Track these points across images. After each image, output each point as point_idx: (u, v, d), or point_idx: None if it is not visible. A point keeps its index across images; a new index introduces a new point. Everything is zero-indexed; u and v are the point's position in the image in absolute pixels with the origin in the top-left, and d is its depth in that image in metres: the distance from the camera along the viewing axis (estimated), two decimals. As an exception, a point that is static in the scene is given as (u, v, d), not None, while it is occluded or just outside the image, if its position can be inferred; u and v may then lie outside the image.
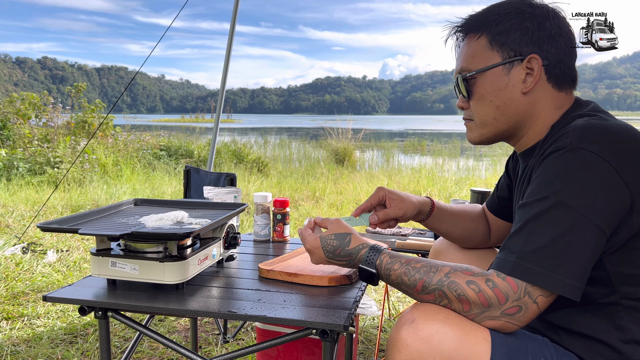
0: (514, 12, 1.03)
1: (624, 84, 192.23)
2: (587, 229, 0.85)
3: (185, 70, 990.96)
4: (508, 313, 0.87)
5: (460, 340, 0.86)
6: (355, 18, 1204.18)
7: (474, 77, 1.06)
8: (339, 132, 10.07)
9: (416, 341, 0.87)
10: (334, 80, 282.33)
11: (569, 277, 0.84)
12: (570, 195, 0.85)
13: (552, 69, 1.02)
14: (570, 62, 1.04)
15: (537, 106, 1.04)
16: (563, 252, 0.84)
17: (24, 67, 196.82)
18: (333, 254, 1.12)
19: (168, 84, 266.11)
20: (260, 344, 1.14)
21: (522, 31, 1.02)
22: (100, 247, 1.21)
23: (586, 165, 0.86)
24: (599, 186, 0.85)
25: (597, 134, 0.89)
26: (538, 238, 0.86)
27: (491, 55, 1.05)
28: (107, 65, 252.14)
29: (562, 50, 1.02)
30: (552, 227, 0.85)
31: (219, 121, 3.96)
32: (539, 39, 1.01)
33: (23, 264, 3.17)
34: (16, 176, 6.60)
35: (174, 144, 9.41)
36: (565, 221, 0.85)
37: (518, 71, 1.02)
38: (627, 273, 0.91)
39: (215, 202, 1.54)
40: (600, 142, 0.88)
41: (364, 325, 2.42)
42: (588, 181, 0.85)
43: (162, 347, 2.13)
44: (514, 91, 1.03)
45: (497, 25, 1.04)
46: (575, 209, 0.85)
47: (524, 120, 1.06)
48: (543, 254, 0.85)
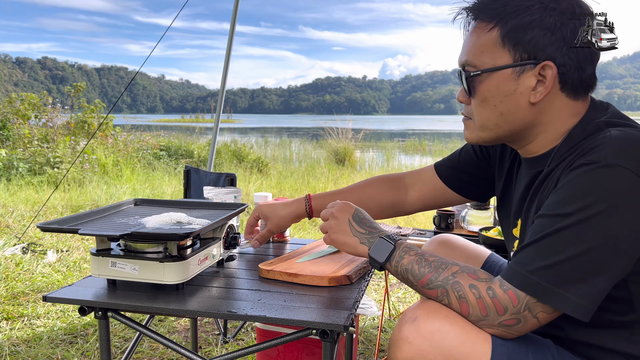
0: (537, 5, 0.89)
1: (624, 84, 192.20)
2: (610, 253, 0.79)
3: (185, 71, 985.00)
4: (506, 324, 0.85)
5: (461, 338, 0.85)
6: (355, 18, 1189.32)
7: (479, 75, 0.95)
8: (339, 132, 10.07)
9: (418, 338, 0.86)
10: (334, 81, 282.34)
11: (579, 297, 0.80)
12: (598, 216, 0.78)
13: (568, 78, 0.91)
14: (592, 68, 0.92)
15: (547, 115, 0.94)
16: (577, 271, 0.79)
17: (24, 67, 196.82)
18: (360, 221, 1.08)
19: (168, 84, 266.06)
20: (260, 344, 1.14)
21: (541, 30, 0.89)
22: (100, 247, 1.21)
23: (621, 185, 0.78)
24: (632, 207, 0.78)
25: (635, 149, 0.81)
26: (554, 254, 0.81)
27: (501, 54, 0.92)
28: (107, 66, 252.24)
29: (584, 54, 0.90)
30: (571, 246, 0.79)
31: (219, 121, 3.96)
32: (557, 41, 0.89)
33: (23, 264, 3.17)
34: (16, 176, 6.61)
35: (174, 144, 9.41)
36: (587, 241, 0.79)
37: (529, 77, 0.91)
38: None
39: (215, 202, 1.53)
40: (637, 157, 0.80)
41: (364, 325, 2.42)
42: (621, 202, 0.78)
43: (162, 348, 2.13)
44: (521, 99, 0.93)
45: (514, 18, 0.90)
46: (601, 231, 0.78)
47: (530, 128, 0.96)
48: (555, 270, 0.80)
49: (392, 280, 3.05)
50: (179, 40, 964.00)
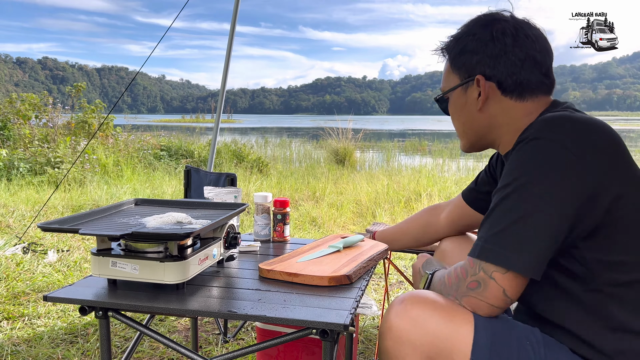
0: (465, 35, 1.12)
1: (623, 84, 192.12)
2: (544, 213, 0.90)
3: (185, 71, 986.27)
4: (470, 287, 0.96)
5: (444, 321, 0.94)
6: (355, 18, 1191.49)
7: (445, 96, 1.19)
8: (339, 132, 10.06)
9: (404, 320, 0.95)
10: (334, 81, 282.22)
11: (524, 256, 0.91)
12: (529, 182, 0.92)
13: (504, 84, 1.08)
14: (528, 73, 1.07)
15: (500, 118, 1.11)
16: (520, 234, 0.91)
17: (24, 67, 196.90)
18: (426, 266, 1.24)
19: (168, 84, 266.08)
20: (261, 344, 1.14)
21: (470, 54, 1.10)
22: (101, 247, 1.21)
23: (544, 153, 0.92)
24: (557, 173, 0.90)
25: (558, 124, 0.94)
26: (499, 222, 0.94)
27: (453, 78, 1.16)
28: (107, 66, 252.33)
29: (513, 63, 1.06)
30: (511, 212, 0.92)
31: (220, 121, 3.96)
32: (483, 59, 1.08)
33: (24, 264, 3.17)
34: (17, 176, 6.61)
35: (174, 144, 9.41)
36: (522, 207, 0.91)
37: (472, 91, 1.12)
38: (604, 260, 0.94)
39: (215, 202, 1.54)
40: (562, 131, 0.93)
41: (364, 325, 2.42)
42: (545, 168, 0.91)
43: (163, 347, 2.13)
44: (472, 109, 1.13)
45: (453, 49, 1.14)
46: (533, 195, 0.91)
47: (492, 131, 1.13)
48: (502, 236, 0.92)
49: (392, 280, 3.06)
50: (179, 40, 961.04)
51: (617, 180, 0.92)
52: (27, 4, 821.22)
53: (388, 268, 1.77)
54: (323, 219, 4.62)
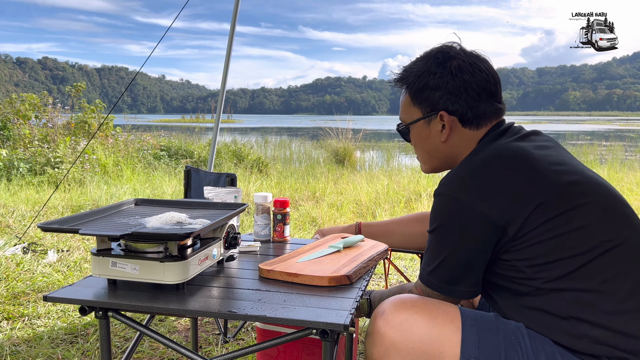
0: (425, 72, 1.18)
1: (623, 84, 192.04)
2: (464, 250, 1.06)
3: (185, 71, 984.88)
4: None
5: (429, 324, 0.98)
6: (355, 18, 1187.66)
7: (405, 127, 1.28)
8: (339, 132, 10.06)
9: (389, 330, 0.99)
10: (334, 81, 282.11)
11: (459, 286, 1.09)
12: (443, 229, 1.09)
13: (464, 117, 1.17)
14: (485, 104, 1.17)
15: (459, 147, 1.21)
16: (450, 270, 1.09)
17: (24, 67, 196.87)
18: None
19: (168, 85, 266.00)
20: (261, 344, 1.14)
21: (432, 90, 1.17)
22: (101, 247, 1.21)
23: (445, 206, 1.08)
24: (459, 220, 1.05)
25: (459, 178, 1.08)
26: (433, 260, 1.11)
27: (414, 111, 1.23)
28: (107, 66, 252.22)
29: (472, 97, 1.16)
30: (439, 252, 1.10)
31: (220, 121, 3.96)
32: (445, 95, 1.16)
33: (23, 264, 3.17)
34: (17, 176, 6.61)
35: (174, 144, 9.41)
36: (446, 248, 1.08)
37: (435, 124, 1.20)
38: (533, 263, 1.01)
39: (215, 202, 1.54)
40: (459, 185, 1.07)
41: (364, 325, 2.42)
42: (451, 218, 1.07)
43: (163, 347, 2.13)
44: (436, 140, 1.22)
45: (414, 84, 1.20)
46: (450, 239, 1.08)
47: (454, 157, 1.23)
48: (437, 272, 1.10)
49: (392, 280, 3.06)
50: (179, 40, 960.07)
51: (531, 195, 1.00)
52: (26, 4, 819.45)
53: (388, 268, 1.77)
54: (323, 219, 4.62)
